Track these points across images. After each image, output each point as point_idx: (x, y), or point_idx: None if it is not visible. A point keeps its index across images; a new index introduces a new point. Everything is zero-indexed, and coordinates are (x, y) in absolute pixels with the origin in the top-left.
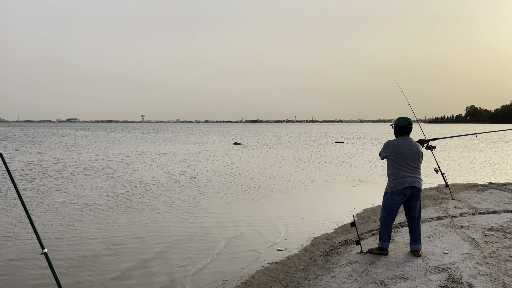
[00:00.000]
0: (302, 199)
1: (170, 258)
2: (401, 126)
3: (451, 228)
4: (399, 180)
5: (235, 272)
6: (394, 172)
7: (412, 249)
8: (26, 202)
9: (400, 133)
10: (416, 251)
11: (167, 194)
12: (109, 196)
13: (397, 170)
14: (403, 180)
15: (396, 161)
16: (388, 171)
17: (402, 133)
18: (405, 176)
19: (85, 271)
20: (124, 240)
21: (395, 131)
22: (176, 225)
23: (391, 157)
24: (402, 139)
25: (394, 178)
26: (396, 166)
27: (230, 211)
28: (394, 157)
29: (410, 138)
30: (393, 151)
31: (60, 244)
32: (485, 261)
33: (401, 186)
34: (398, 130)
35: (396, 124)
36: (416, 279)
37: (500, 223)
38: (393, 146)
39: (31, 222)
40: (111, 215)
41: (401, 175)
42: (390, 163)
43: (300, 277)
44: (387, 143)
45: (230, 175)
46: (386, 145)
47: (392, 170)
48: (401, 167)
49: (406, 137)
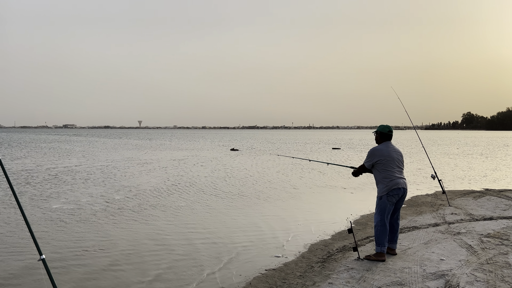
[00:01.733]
0: (299, 206)
1: (167, 266)
2: (382, 133)
3: (448, 234)
4: (393, 182)
5: (233, 278)
6: (386, 175)
7: (390, 248)
8: (24, 207)
9: (382, 140)
10: (394, 249)
11: (164, 200)
12: (106, 202)
13: (389, 173)
14: (396, 181)
15: (386, 164)
16: (378, 176)
17: (383, 139)
18: (397, 178)
19: (83, 277)
20: (122, 247)
21: (376, 138)
22: (173, 232)
23: (381, 161)
24: (386, 144)
25: (389, 180)
26: (387, 169)
27: (227, 218)
28: (384, 161)
29: (392, 143)
30: (382, 155)
31: (58, 250)
32: (482, 267)
33: (395, 187)
34: (380, 137)
35: (378, 131)
36: (413, 285)
37: (496, 229)
38: (380, 151)
39: (29, 228)
40: (109, 221)
41: (393, 176)
42: (381, 168)
43: (297, 283)
44: (372, 150)
45: (226, 182)
46: (372, 153)
47: (384, 174)
48: (391, 169)
49: (389, 142)
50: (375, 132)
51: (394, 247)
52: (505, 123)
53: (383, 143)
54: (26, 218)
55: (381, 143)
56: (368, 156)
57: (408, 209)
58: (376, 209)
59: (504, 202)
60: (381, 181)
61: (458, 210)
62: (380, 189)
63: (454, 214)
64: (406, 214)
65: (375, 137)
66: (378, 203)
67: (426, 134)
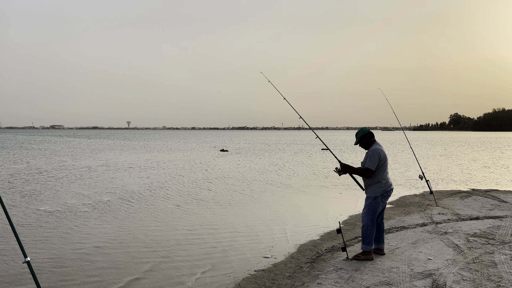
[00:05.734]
0: (288, 206)
1: (155, 267)
2: (369, 133)
3: (435, 234)
4: (388, 183)
5: (222, 280)
6: (383, 176)
7: (379, 249)
8: (8, 209)
9: (371, 140)
10: (382, 249)
11: (151, 202)
12: (93, 204)
13: (385, 174)
14: (389, 182)
15: (384, 165)
16: (375, 177)
17: (372, 138)
18: (389, 179)
19: (68, 279)
20: (108, 249)
21: (366, 142)
22: (161, 234)
23: (381, 163)
24: (378, 144)
25: (385, 182)
26: (384, 170)
27: (216, 219)
28: (383, 162)
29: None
30: (384, 157)
31: (43, 252)
32: (468, 266)
33: (388, 188)
34: (369, 137)
35: (362, 136)
36: (401, 285)
37: (483, 229)
38: (381, 151)
39: (13, 230)
40: (95, 223)
41: (387, 178)
42: (379, 169)
43: (286, 284)
44: (376, 152)
45: (215, 182)
46: (377, 154)
47: (381, 174)
48: (385, 169)
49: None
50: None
51: (383, 247)
52: (491, 124)
53: (376, 143)
54: (10, 219)
55: (375, 142)
56: (373, 158)
57: (396, 209)
58: (367, 209)
59: (490, 202)
60: (377, 183)
61: (445, 210)
62: (374, 190)
63: (441, 214)
64: (394, 214)
65: (364, 141)
66: (371, 204)
67: (414, 134)
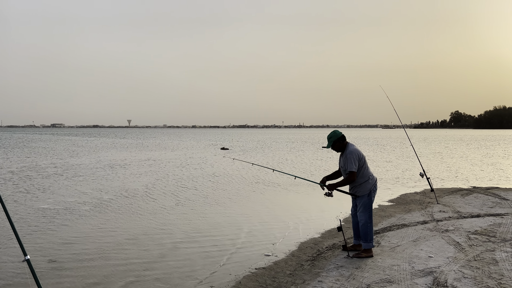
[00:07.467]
0: (289, 204)
1: (155, 265)
2: (340, 137)
3: (436, 232)
4: (373, 177)
5: (222, 277)
6: (367, 173)
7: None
8: (8, 207)
9: (343, 142)
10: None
11: (151, 201)
12: (93, 202)
13: (368, 171)
14: (374, 176)
15: (365, 163)
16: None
17: (344, 141)
18: (372, 173)
19: (68, 277)
20: (108, 247)
21: (339, 145)
22: (161, 233)
23: (361, 162)
24: (352, 144)
25: (371, 178)
26: (366, 167)
27: (216, 217)
28: (363, 161)
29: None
30: (361, 155)
31: (43, 251)
32: (469, 264)
33: (375, 182)
34: (341, 141)
35: (336, 140)
36: (402, 282)
37: (484, 226)
38: (358, 151)
39: (13, 228)
40: (95, 221)
41: (371, 173)
42: (362, 168)
43: (287, 282)
44: (354, 153)
45: (216, 180)
46: (355, 155)
47: (365, 172)
48: (367, 166)
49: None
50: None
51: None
52: (492, 121)
53: (349, 144)
54: (9, 217)
55: (350, 144)
56: (353, 160)
57: (396, 207)
58: (363, 208)
59: (491, 200)
60: (365, 182)
61: (446, 207)
62: (364, 188)
63: (442, 212)
64: (395, 212)
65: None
66: (365, 202)
67: (415, 132)
